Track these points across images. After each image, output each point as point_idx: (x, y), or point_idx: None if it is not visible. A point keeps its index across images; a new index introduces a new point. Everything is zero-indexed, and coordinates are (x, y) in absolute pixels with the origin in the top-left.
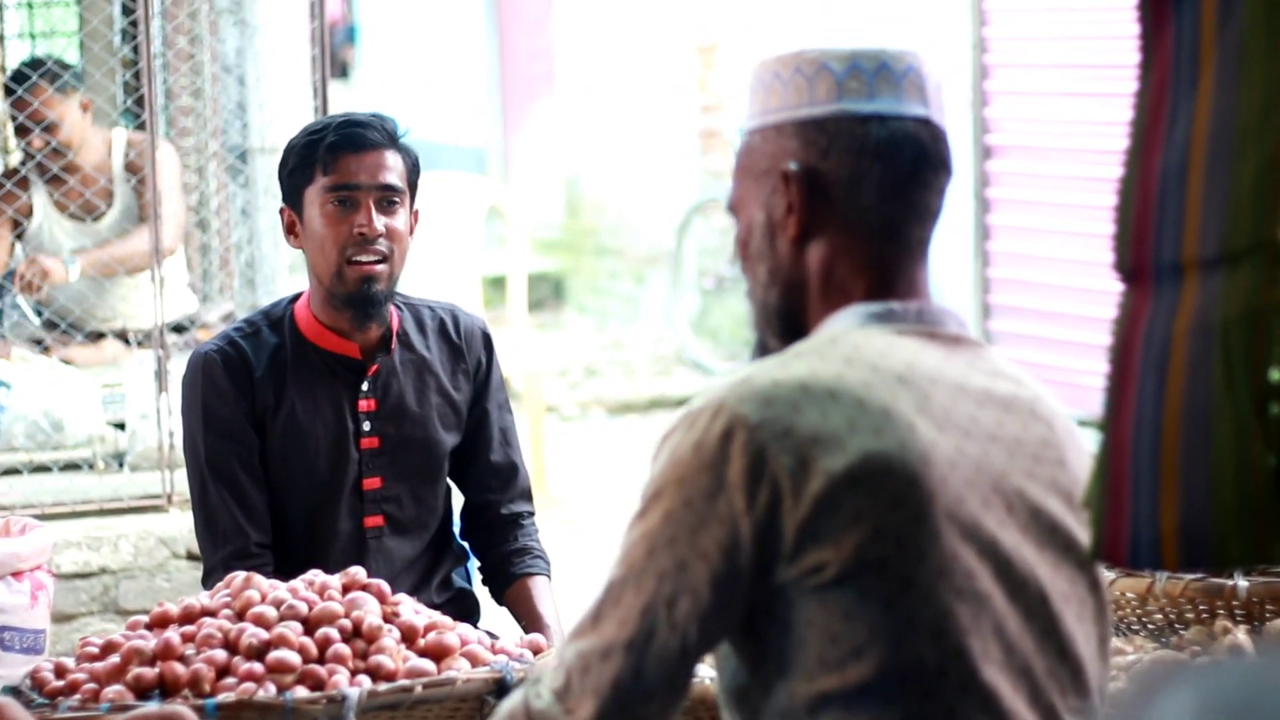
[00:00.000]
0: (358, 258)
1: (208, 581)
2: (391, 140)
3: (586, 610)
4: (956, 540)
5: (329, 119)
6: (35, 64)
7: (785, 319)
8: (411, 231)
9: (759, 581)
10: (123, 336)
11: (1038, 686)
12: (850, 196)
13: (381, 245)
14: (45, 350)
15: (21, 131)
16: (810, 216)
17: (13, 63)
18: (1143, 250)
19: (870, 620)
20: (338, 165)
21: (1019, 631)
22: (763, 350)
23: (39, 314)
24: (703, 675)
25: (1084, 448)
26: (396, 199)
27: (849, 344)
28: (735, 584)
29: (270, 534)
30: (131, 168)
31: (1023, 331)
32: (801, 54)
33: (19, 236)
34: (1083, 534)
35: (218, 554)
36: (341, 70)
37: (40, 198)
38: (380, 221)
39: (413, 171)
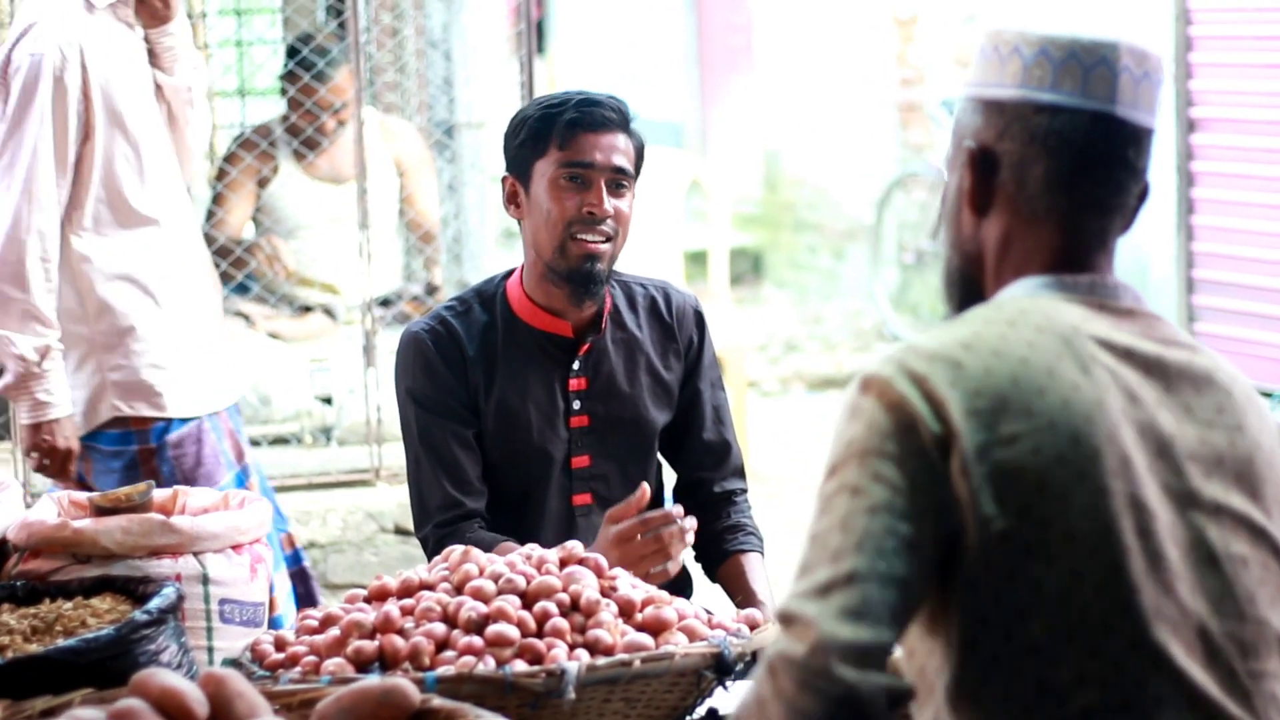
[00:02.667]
0: (583, 235)
1: (428, 554)
2: (626, 123)
3: (798, 567)
4: (1122, 498)
5: (567, 94)
6: (306, 39)
7: (964, 288)
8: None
9: (944, 519)
10: (329, 311)
11: (1215, 648)
12: (1019, 183)
13: (607, 226)
14: (252, 324)
15: (305, 113)
16: (984, 195)
17: (214, 39)
18: None
19: (1034, 577)
20: (574, 142)
21: (1193, 591)
22: (948, 318)
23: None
24: None
25: (1266, 415)
26: (625, 182)
27: (1015, 308)
28: (927, 519)
29: (484, 502)
30: (399, 165)
31: (1228, 307)
32: (1001, 32)
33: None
34: (1259, 496)
35: (426, 528)
36: (539, 45)
37: (287, 159)
38: (610, 203)
39: (639, 156)
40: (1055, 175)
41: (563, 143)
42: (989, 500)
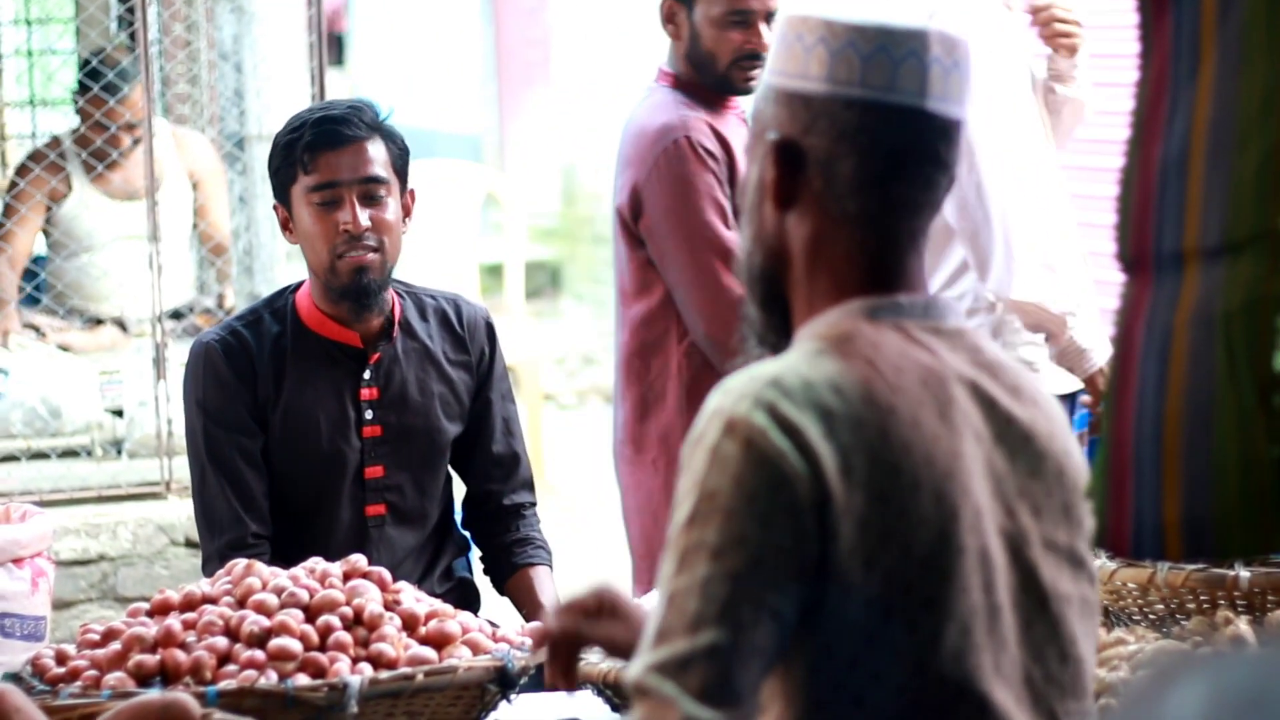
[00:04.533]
0: (348, 254)
1: (206, 569)
2: (372, 129)
3: (653, 626)
4: (974, 555)
5: (308, 114)
6: (100, 53)
7: (766, 287)
8: (409, 213)
9: (809, 582)
10: (120, 323)
11: (1039, 694)
12: (826, 181)
13: (370, 239)
14: (42, 336)
15: (96, 126)
16: (788, 191)
17: (6, 49)
18: (1144, 240)
19: (893, 643)
20: (317, 163)
21: (1020, 640)
22: (747, 317)
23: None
24: None
25: (1066, 422)
26: (382, 190)
27: (867, 343)
28: (792, 584)
29: (269, 525)
30: (193, 178)
31: None
32: (807, 20)
33: (47, 219)
34: (1077, 523)
35: (214, 543)
36: (337, 57)
37: (78, 177)
38: (365, 215)
39: (399, 156)
40: (865, 174)
41: (307, 167)
42: (858, 565)
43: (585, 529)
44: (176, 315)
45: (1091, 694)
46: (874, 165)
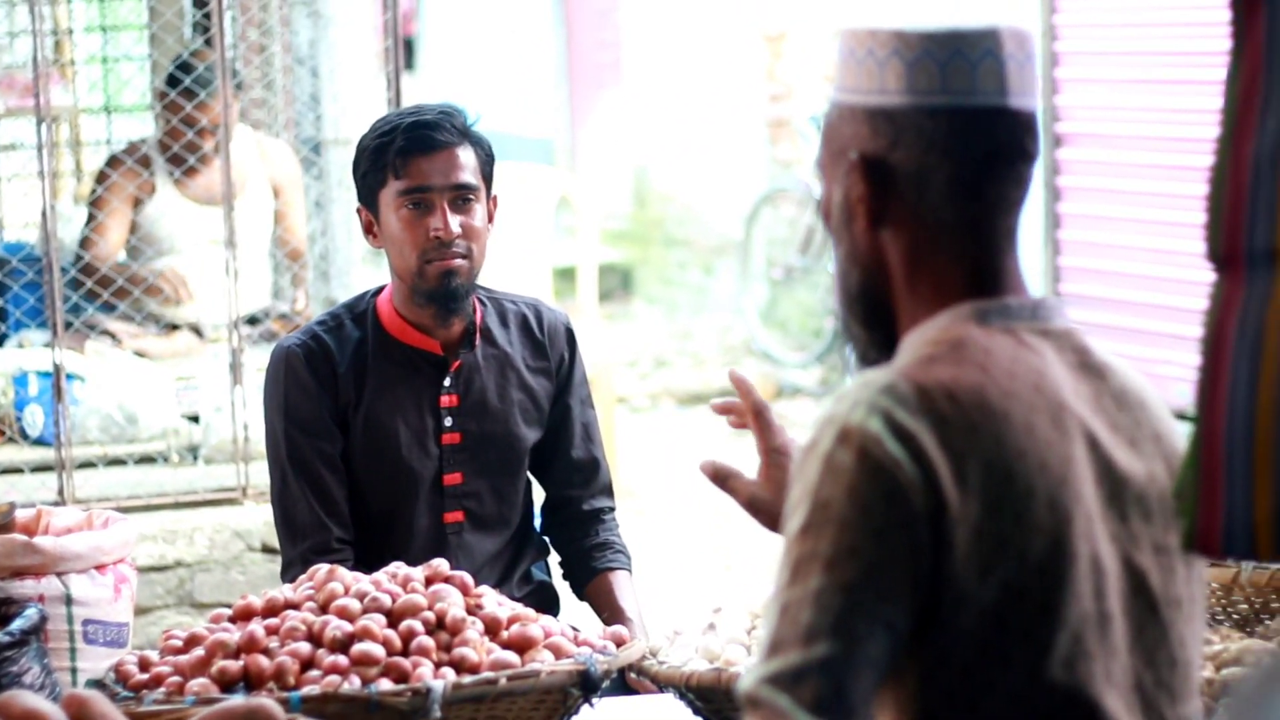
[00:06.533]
0: (436, 259)
1: (286, 575)
2: (462, 135)
3: (766, 635)
4: (1086, 562)
5: (398, 118)
6: (184, 65)
7: (868, 303)
8: (491, 219)
9: (923, 593)
10: (196, 329)
11: (1149, 700)
12: (920, 192)
13: (459, 245)
14: (118, 343)
15: (178, 129)
16: (880, 207)
17: (80, 56)
18: (1235, 238)
19: (1006, 652)
20: (409, 168)
21: (1132, 647)
22: (849, 335)
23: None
24: None
25: (1175, 423)
26: (471, 195)
27: (979, 348)
28: (906, 595)
29: (350, 529)
30: (275, 185)
31: (1095, 321)
32: (876, 34)
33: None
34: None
35: (296, 549)
36: (407, 61)
37: (162, 179)
38: (455, 222)
39: (486, 162)
40: (959, 180)
41: (398, 172)
42: (973, 574)
43: (659, 532)
44: (252, 321)
45: (1197, 696)
46: (967, 170)
